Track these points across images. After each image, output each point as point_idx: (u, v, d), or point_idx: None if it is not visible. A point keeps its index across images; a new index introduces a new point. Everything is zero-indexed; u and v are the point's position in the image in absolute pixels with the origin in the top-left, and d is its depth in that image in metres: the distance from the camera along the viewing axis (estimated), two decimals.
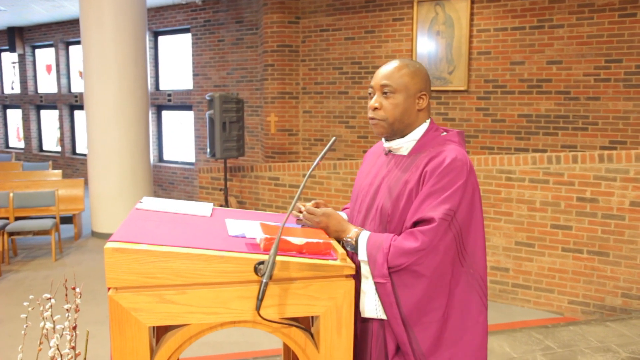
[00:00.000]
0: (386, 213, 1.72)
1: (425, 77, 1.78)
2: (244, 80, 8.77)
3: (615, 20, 5.64)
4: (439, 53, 6.58)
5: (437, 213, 1.59)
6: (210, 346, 4.11)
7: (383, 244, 1.63)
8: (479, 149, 6.54)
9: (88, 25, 6.95)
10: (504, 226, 4.93)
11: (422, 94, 1.77)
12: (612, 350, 3.78)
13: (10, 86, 13.66)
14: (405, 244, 1.60)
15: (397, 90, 1.74)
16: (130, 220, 1.75)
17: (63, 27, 11.82)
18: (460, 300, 1.65)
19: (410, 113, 1.76)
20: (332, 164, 5.92)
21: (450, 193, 1.61)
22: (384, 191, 1.77)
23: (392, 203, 1.71)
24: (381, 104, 1.76)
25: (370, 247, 1.66)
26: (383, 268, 1.61)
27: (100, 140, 7.09)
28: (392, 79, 1.75)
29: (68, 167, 12.14)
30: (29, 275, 5.87)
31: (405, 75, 1.75)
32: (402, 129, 1.78)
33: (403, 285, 1.61)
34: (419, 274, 1.60)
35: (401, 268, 1.60)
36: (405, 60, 1.79)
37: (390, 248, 1.62)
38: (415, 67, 1.77)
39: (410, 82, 1.75)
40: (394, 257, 1.60)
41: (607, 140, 5.82)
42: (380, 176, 1.82)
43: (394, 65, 1.77)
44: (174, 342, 1.56)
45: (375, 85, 1.78)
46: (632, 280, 4.46)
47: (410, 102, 1.75)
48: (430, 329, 1.62)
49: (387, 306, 1.63)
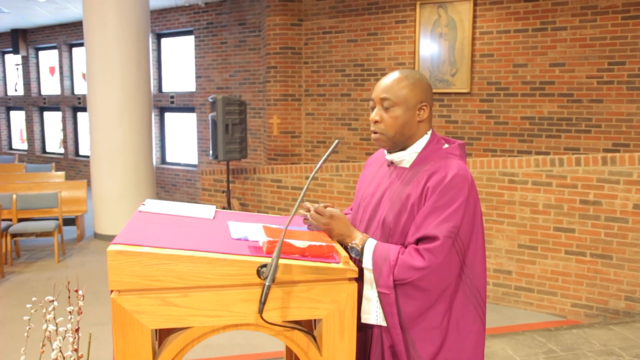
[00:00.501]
0: (388, 226, 1.74)
1: (425, 87, 1.77)
2: (246, 83, 8.78)
3: (618, 22, 5.63)
4: (442, 55, 6.58)
5: (441, 231, 1.61)
6: (213, 349, 4.11)
7: (390, 256, 1.64)
8: (481, 151, 6.54)
9: (91, 27, 6.97)
10: (506, 229, 4.92)
11: (423, 105, 1.76)
12: (615, 353, 3.76)
13: (13, 88, 13.70)
14: (413, 260, 1.61)
15: (396, 103, 1.75)
16: (133, 223, 1.75)
17: (66, 29, 11.86)
18: (457, 310, 1.68)
19: (410, 125, 1.76)
20: (335, 166, 5.91)
21: (453, 210, 1.63)
22: (385, 203, 1.77)
23: (394, 216, 1.73)
24: (382, 117, 1.77)
25: (376, 257, 1.67)
26: (389, 280, 1.63)
27: (103, 142, 7.11)
28: (392, 91, 1.75)
29: (71, 168, 12.17)
30: (31, 277, 5.88)
31: (404, 88, 1.75)
32: (403, 141, 1.78)
33: (406, 297, 1.63)
34: (423, 288, 1.62)
35: (406, 282, 1.62)
36: (405, 72, 1.79)
37: (398, 261, 1.63)
38: (415, 79, 1.77)
39: (410, 94, 1.74)
40: (401, 271, 1.62)
41: (610, 142, 5.81)
42: (383, 188, 1.83)
43: (394, 77, 1.77)
44: (177, 344, 1.56)
45: (376, 98, 1.79)
46: (636, 284, 4.44)
47: (410, 115, 1.75)
48: (429, 336, 1.65)
49: (388, 315, 1.65)
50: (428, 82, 1.81)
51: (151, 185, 7.47)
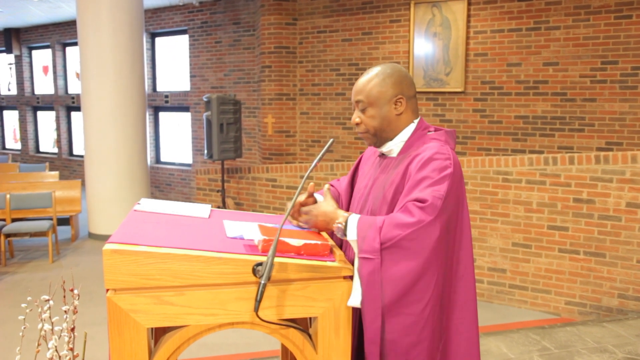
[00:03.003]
0: (375, 214, 1.75)
1: (397, 80, 1.77)
2: (241, 82, 8.78)
3: (611, 22, 5.66)
4: (436, 55, 6.60)
5: (428, 195, 1.58)
6: (208, 347, 4.10)
7: (376, 221, 1.59)
8: (475, 150, 6.56)
9: (85, 26, 6.94)
10: (500, 227, 4.95)
11: (398, 99, 1.77)
12: (608, 350, 3.79)
13: (7, 87, 13.63)
14: (401, 217, 1.56)
15: (370, 103, 1.77)
16: (129, 222, 1.76)
17: (60, 28, 11.81)
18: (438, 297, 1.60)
19: (390, 120, 1.78)
20: (329, 165, 5.92)
21: (439, 179, 1.60)
22: (374, 193, 1.79)
23: (380, 204, 1.74)
24: (360, 118, 1.80)
25: (361, 225, 1.61)
26: (374, 242, 1.55)
27: (97, 141, 7.08)
28: (363, 93, 1.78)
29: (65, 168, 12.11)
30: (25, 277, 5.85)
31: (374, 87, 1.76)
32: (387, 135, 1.81)
33: (393, 265, 1.54)
34: (410, 254, 1.54)
35: (393, 242, 1.54)
36: (375, 70, 1.80)
37: (385, 222, 1.57)
38: (386, 74, 1.77)
39: (381, 92, 1.76)
40: (388, 229, 1.55)
41: (604, 141, 5.84)
42: (373, 179, 1.85)
43: (365, 78, 1.79)
44: (173, 343, 1.56)
45: (353, 101, 1.83)
46: (629, 281, 4.47)
47: (386, 111, 1.77)
48: (405, 322, 1.55)
49: (370, 285, 1.54)
50: (402, 73, 1.79)
51: (146, 185, 7.45)
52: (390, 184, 1.73)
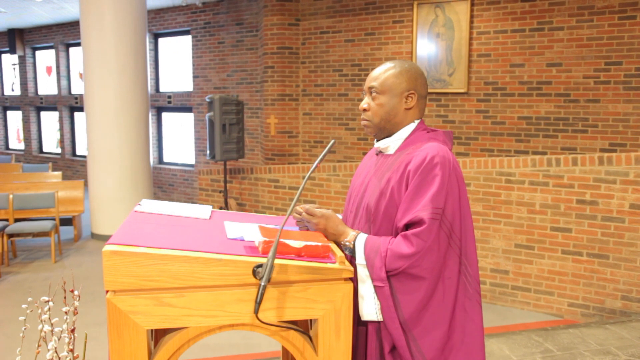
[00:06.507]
0: (370, 211, 1.76)
1: (413, 76, 1.79)
2: (244, 82, 8.78)
3: (615, 22, 5.64)
4: (439, 55, 6.59)
5: (426, 213, 1.61)
6: (209, 348, 4.10)
7: (380, 248, 1.64)
8: (478, 151, 6.54)
9: (88, 27, 6.95)
10: (503, 228, 4.93)
11: (410, 93, 1.78)
12: (611, 353, 3.77)
13: (10, 88, 13.67)
14: (401, 249, 1.61)
15: (382, 91, 1.79)
16: (129, 223, 1.75)
17: (63, 28, 11.84)
18: (460, 303, 1.67)
19: (397, 112, 1.79)
20: (332, 166, 5.91)
21: (436, 191, 1.63)
22: (370, 190, 1.80)
23: (376, 201, 1.75)
24: (369, 105, 1.82)
25: (368, 251, 1.67)
26: (381, 272, 1.62)
27: (100, 142, 7.09)
28: (378, 80, 1.80)
29: (68, 168, 12.14)
30: (28, 277, 5.86)
31: (390, 76, 1.78)
32: (390, 128, 1.81)
33: (403, 289, 1.62)
34: (417, 276, 1.61)
35: (399, 272, 1.61)
36: (395, 61, 1.83)
37: (388, 252, 1.63)
38: (403, 67, 1.80)
39: (396, 82, 1.78)
40: (391, 261, 1.61)
41: (607, 142, 5.82)
42: (369, 176, 1.86)
43: (383, 67, 1.82)
44: (172, 345, 1.56)
45: (365, 88, 1.84)
46: (632, 283, 4.45)
47: (396, 102, 1.78)
48: (432, 334, 1.63)
49: (385, 309, 1.63)
50: (419, 71, 1.82)
51: (148, 185, 7.46)
52: (387, 181, 1.74)
